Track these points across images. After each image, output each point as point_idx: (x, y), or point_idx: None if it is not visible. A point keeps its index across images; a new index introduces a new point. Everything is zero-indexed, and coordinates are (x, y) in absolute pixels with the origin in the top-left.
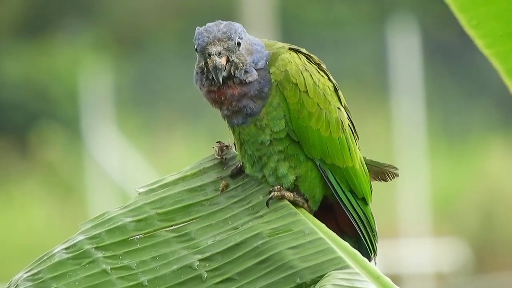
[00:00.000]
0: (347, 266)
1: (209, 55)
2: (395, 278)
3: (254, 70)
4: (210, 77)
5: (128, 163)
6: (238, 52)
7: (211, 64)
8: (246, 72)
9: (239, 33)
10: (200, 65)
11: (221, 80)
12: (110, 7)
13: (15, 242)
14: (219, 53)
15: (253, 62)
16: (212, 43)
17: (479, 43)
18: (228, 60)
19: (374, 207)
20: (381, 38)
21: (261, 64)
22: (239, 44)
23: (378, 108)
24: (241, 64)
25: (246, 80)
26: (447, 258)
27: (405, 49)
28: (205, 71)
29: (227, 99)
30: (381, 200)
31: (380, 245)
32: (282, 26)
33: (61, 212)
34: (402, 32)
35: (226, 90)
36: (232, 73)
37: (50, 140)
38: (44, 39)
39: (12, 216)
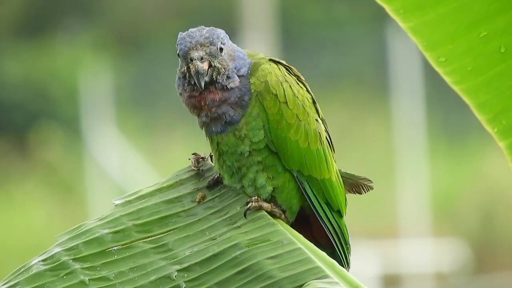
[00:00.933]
0: (326, 276)
1: (191, 60)
2: (395, 278)
3: (236, 76)
4: (192, 82)
5: (128, 163)
6: (221, 57)
7: (193, 69)
8: (228, 77)
9: (221, 39)
10: (182, 70)
11: (203, 85)
12: (110, 7)
13: (15, 242)
14: (201, 58)
15: (235, 68)
16: (194, 48)
17: (448, 79)
18: (210, 65)
19: (374, 207)
20: (381, 38)
21: (243, 71)
22: (221, 49)
23: (378, 108)
24: (223, 69)
25: (228, 86)
26: (447, 258)
27: (405, 49)
28: (187, 76)
29: (207, 104)
30: (381, 200)
31: (380, 245)
32: (282, 26)
33: (61, 212)
34: (402, 32)
35: (207, 95)
36: (214, 78)
37: (50, 140)
38: (44, 39)
39: (12, 216)
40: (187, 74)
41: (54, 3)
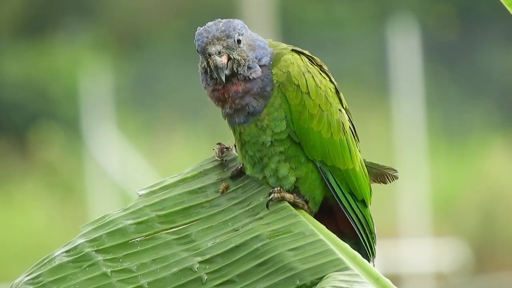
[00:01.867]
0: (347, 268)
1: (209, 55)
2: (395, 278)
3: (258, 66)
4: (214, 77)
5: (128, 163)
6: (239, 49)
7: (212, 63)
8: (249, 68)
9: (238, 30)
10: (202, 65)
11: (223, 78)
12: (110, 7)
13: (15, 242)
14: (219, 52)
15: (256, 58)
16: (211, 43)
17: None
18: (229, 58)
19: (374, 207)
20: (381, 38)
21: (265, 60)
22: (239, 41)
23: (378, 108)
24: (243, 60)
25: (250, 77)
26: (447, 258)
27: (405, 49)
28: (208, 71)
29: (231, 96)
30: (381, 200)
31: (380, 245)
32: (282, 26)
33: (61, 212)
34: (402, 32)
35: (230, 87)
36: (235, 70)
37: (50, 140)
38: (44, 39)
39: (12, 216)
40: (208, 69)
41: (54, 3)
